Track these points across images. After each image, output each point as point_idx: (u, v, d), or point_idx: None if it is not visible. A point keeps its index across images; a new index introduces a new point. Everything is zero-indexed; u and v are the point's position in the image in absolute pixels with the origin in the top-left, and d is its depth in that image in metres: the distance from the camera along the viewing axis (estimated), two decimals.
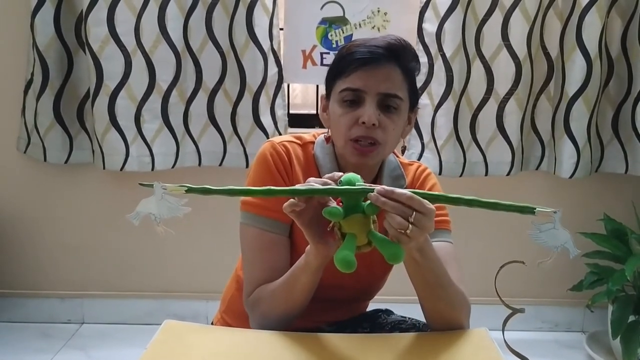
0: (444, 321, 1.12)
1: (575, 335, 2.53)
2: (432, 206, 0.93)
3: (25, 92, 2.26)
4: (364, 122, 1.11)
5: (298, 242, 1.18)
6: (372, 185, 0.94)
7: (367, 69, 1.11)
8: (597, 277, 2.21)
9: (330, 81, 1.18)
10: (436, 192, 0.96)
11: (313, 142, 1.25)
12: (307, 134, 1.28)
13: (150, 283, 2.51)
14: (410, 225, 0.91)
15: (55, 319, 2.50)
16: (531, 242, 0.91)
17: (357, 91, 1.12)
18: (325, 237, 0.98)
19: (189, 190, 0.91)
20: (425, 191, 0.95)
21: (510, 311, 1.02)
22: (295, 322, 1.16)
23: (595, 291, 2.19)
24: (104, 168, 2.23)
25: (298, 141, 1.24)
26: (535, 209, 0.90)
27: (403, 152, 1.26)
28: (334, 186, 0.94)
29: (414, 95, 1.19)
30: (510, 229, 2.17)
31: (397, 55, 1.14)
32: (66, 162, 2.30)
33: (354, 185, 0.94)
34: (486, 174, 2.30)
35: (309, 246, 1.02)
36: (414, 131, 2.28)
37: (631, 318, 2.09)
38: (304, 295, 1.09)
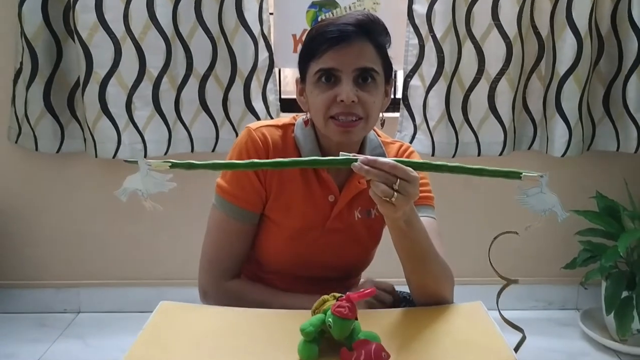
0: (429, 295, 1.14)
1: (569, 312, 2.55)
2: (415, 174, 0.95)
3: (15, 81, 2.24)
4: (342, 101, 1.11)
5: (266, 228, 1.25)
6: (356, 155, 0.97)
7: (339, 47, 1.12)
8: (590, 254, 2.23)
9: (303, 64, 1.19)
10: (419, 160, 0.97)
11: (293, 124, 1.26)
12: (287, 117, 1.29)
13: (146, 271, 2.51)
14: (395, 193, 0.93)
15: (52, 308, 2.50)
16: (525, 219, 0.91)
17: (332, 70, 1.13)
18: None
19: (173, 165, 0.91)
20: (408, 159, 0.96)
21: (505, 282, 1.03)
22: None
23: (588, 268, 2.20)
24: (96, 156, 2.22)
25: (277, 124, 1.25)
26: (521, 173, 0.91)
27: (382, 125, 1.27)
28: (318, 157, 0.96)
29: (389, 68, 1.20)
30: (503, 208, 2.18)
31: (367, 30, 1.14)
32: (58, 151, 2.28)
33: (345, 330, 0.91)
34: (479, 155, 2.30)
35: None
36: (405, 113, 2.28)
37: (624, 294, 2.11)
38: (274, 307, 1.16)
